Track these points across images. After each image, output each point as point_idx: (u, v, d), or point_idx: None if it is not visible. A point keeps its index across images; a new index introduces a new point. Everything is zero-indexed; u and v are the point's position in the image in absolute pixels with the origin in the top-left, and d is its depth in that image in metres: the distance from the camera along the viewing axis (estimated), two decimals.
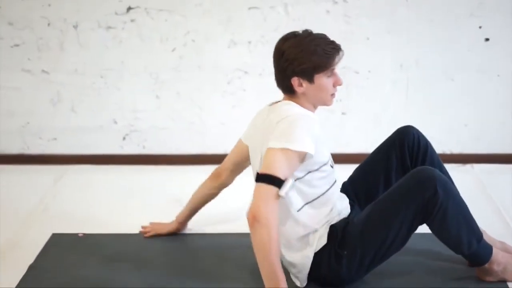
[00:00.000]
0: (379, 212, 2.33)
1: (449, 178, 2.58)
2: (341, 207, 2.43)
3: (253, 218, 2.16)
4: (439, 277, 2.48)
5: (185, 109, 3.58)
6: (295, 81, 2.33)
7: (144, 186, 3.40)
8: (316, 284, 2.42)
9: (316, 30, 3.40)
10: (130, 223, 2.91)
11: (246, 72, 3.53)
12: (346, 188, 2.61)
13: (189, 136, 3.61)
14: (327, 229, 2.38)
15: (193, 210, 2.75)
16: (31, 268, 2.60)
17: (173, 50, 3.50)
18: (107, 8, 3.44)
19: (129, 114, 3.59)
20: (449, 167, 3.50)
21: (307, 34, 2.35)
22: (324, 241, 2.36)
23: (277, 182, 2.18)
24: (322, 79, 2.33)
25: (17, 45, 3.50)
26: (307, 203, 2.34)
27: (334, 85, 2.36)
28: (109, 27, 3.47)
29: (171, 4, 3.44)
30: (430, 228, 2.35)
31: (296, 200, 2.32)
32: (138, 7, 3.44)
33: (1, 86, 3.55)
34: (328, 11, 3.44)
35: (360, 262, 2.35)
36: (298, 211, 2.33)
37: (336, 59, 2.33)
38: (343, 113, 3.58)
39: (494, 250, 2.41)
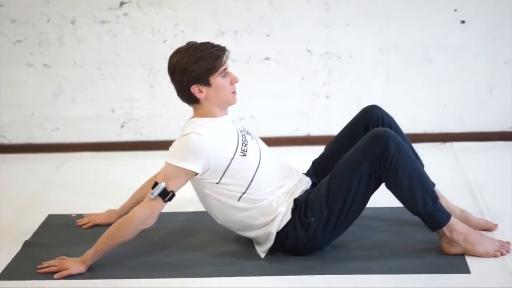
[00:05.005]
0: (340, 170, 2.52)
1: (415, 153, 2.73)
2: (283, 175, 2.61)
3: None
4: (399, 248, 2.62)
5: (178, 98, 3.76)
6: (194, 89, 2.53)
7: (142, 171, 3.60)
8: (284, 253, 2.60)
9: (298, 18, 3.64)
10: None
11: (233, 60, 3.69)
12: (315, 166, 2.80)
13: (184, 123, 3.79)
14: (291, 205, 2.57)
15: (135, 204, 2.77)
16: (26, 244, 2.82)
17: (164, 42, 3.70)
18: (102, 3, 3.67)
19: (126, 103, 3.81)
20: (430, 146, 3.73)
21: (191, 44, 2.53)
22: (288, 217, 2.56)
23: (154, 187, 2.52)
24: (217, 80, 2.52)
25: (19, 41, 3.74)
26: (243, 194, 2.54)
27: (232, 83, 2.55)
28: (104, 22, 3.70)
29: None
30: (387, 185, 2.52)
31: (231, 196, 2.54)
32: (130, 1, 3.66)
33: (7, 80, 3.80)
34: (308, 0, 3.61)
35: (327, 223, 2.52)
36: (239, 200, 2.55)
37: (224, 58, 2.53)
38: (327, 97, 3.75)
39: (454, 219, 2.55)
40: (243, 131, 2.63)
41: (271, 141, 3.73)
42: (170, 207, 2.99)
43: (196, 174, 2.51)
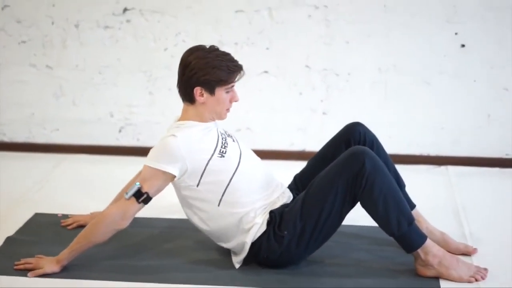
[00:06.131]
0: (317, 185, 2.53)
1: (396, 173, 2.74)
2: (264, 182, 2.62)
3: None
4: (374, 268, 2.62)
5: (176, 105, 3.76)
6: (197, 90, 2.53)
7: None
8: (259, 265, 2.61)
9: (298, 33, 3.67)
10: None
11: None
12: (296, 181, 2.81)
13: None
14: (267, 216, 2.58)
15: None
16: (8, 239, 2.85)
17: (165, 50, 3.74)
18: (105, 9, 3.72)
19: (125, 108, 3.85)
20: (424, 168, 3.70)
21: (214, 49, 2.54)
22: (263, 228, 2.56)
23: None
24: (221, 93, 2.54)
25: (24, 42, 3.80)
26: (222, 197, 2.55)
27: (231, 101, 2.58)
28: (107, 27, 3.75)
29: (164, 6, 3.69)
30: (362, 204, 2.52)
31: (211, 199, 2.56)
32: (133, 8, 3.70)
33: (10, 79, 3.86)
34: (309, 16, 3.62)
35: (301, 238, 2.52)
36: (219, 205, 2.56)
37: (237, 77, 2.54)
38: (324, 113, 3.75)
39: (430, 241, 2.54)
40: (223, 134, 2.64)
41: (266, 154, 3.76)
42: (153, 212, 3.06)
43: (174, 177, 2.53)
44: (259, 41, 3.69)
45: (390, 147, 3.64)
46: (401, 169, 3.33)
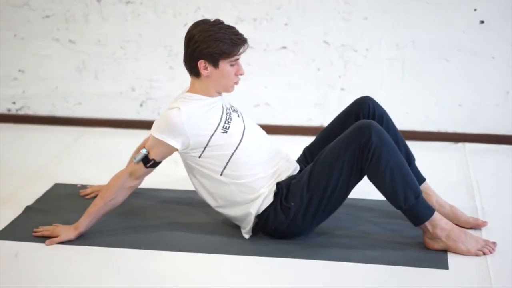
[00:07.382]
0: (324, 158, 2.56)
1: (406, 148, 2.76)
2: (268, 156, 2.65)
3: None
4: (383, 240, 2.65)
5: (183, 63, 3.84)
6: (201, 63, 2.56)
7: None
8: (268, 237, 2.66)
9: (317, 9, 3.67)
10: None
11: (251, 47, 3.75)
12: (305, 154, 2.84)
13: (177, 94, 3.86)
14: (274, 188, 2.62)
15: None
16: (27, 208, 2.94)
17: (185, 25, 3.77)
18: None
19: (146, 83, 3.91)
20: (441, 145, 3.71)
21: (218, 22, 2.58)
22: (270, 199, 2.61)
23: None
24: (225, 66, 2.56)
25: (47, 16, 3.87)
26: (223, 170, 2.60)
27: (236, 74, 2.59)
28: (129, 2, 3.80)
29: None
30: (368, 177, 2.54)
31: (213, 168, 2.60)
32: None
33: (34, 53, 3.94)
34: None
35: (307, 209, 2.56)
36: (221, 175, 2.61)
37: (241, 50, 2.57)
38: (342, 89, 3.76)
39: (438, 215, 2.55)
40: (229, 109, 2.68)
41: (285, 130, 3.81)
42: (167, 184, 3.15)
43: (176, 149, 2.59)
44: (278, 17, 3.71)
45: (407, 123, 3.69)
46: (417, 145, 3.40)
